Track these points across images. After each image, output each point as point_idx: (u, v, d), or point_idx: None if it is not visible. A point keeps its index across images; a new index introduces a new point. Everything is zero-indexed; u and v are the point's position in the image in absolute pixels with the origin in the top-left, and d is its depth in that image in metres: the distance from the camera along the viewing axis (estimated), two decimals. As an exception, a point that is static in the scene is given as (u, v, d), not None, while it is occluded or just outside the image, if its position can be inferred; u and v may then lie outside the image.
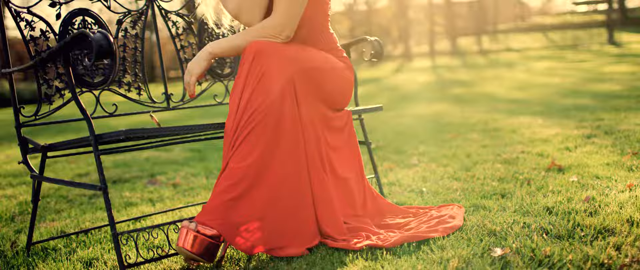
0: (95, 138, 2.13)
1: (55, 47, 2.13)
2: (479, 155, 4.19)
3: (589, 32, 34.62)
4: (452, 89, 11.94)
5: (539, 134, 4.99)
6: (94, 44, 1.98)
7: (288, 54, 2.31)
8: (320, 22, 2.52)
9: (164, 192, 3.74)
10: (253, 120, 2.21)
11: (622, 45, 27.68)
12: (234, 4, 2.40)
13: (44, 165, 2.43)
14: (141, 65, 2.86)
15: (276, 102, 2.23)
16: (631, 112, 5.79)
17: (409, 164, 4.11)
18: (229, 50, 2.39)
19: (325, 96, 2.45)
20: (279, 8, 2.34)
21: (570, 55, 23.61)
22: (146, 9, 2.93)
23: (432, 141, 5.05)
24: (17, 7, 2.52)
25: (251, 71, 2.26)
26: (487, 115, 6.73)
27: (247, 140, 2.21)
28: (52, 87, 2.57)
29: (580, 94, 8.47)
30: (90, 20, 2.71)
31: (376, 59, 2.99)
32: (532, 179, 3.31)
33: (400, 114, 7.47)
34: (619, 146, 4.10)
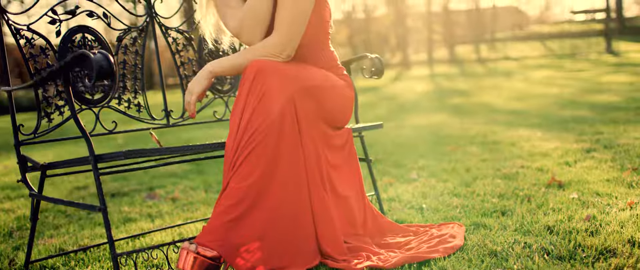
0: (94, 158, 2.12)
1: (55, 67, 2.12)
2: (479, 170, 4.18)
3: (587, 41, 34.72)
4: (450, 98, 11.95)
5: (538, 147, 4.99)
6: (94, 65, 1.97)
7: (289, 73, 2.30)
8: (321, 41, 2.52)
9: (163, 207, 3.72)
10: (254, 140, 2.20)
11: (620, 54, 27.76)
12: (235, 22, 2.39)
13: (43, 183, 2.42)
14: (141, 82, 2.85)
15: (277, 121, 2.22)
16: (630, 125, 5.79)
17: (409, 178, 4.10)
18: (229, 70, 2.38)
19: (325, 114, 2.44)
20: (280, 27, 2.33)
21: (568, 64, 23.68)
22: (146, 25, 2.92)
23: (431, 154, 5.04)
24: (16, 24, 2.51)
25: (252, 90, 2.25)
26: (486, 127, 6.73)
27: (248, 161, 2.20)
28: (51, 104, 2.56)
29: (579, 105, 8.48)
30: (90, 37, 2.70)
31: (376, 76, 2.99)
32: (533, 196, 3.30)
33: (399, 125, 7.46)
34: (618, 161, 4.10)
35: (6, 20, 2.49)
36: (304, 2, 2.33)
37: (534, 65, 25.08)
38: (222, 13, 2.48)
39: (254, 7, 2.32)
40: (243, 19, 2.35)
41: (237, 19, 2.38)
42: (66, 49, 2.62)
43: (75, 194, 4.34)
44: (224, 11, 2.47)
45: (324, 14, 2.48)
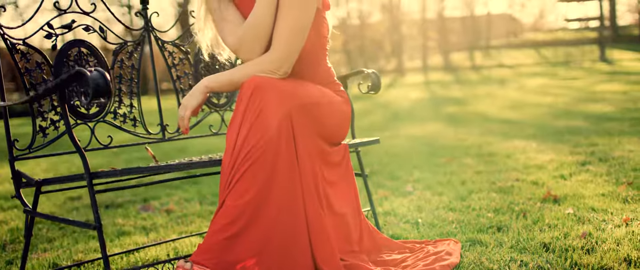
0: (90, 176, 2.11)
1: (51, 85, 2.11)
2: (474, 183, 4.18)
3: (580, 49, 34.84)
4: (445, 107, 11.96)
5: (533, 159, 4.99)
6: (90, 83, 1.96)
7: (286, 90, 2.29)
8: (319, 57, 2.51)
9: (158, 220, 3.71)
10: (250, 157, 2.19)
11: (613, 63, 27.87)
12: (234, 39, 2.38)
13: (38, 200, 2.40)
14: (137, 97, 2.84)
15: (273, 139, 2.21)
16: (624, 137, 5.80)
17: (404, 191, 4.09)
18: (226, 85, 2.37)
19: (322, 131, 2.43)
20: (277, 44, 2.33)
21: (562, 73, 23.75)
22: (143, 39, 2.91)
23: (426, 166, 5.04)
24: (12, 39, 2.50)
25: (249, 107, 2.24)
26: (481, 138, 6.74)
27: (244, 178, 2.19)
28: (46, 119, 2.55)
29: (573, 115, 8.50)
30: (86, 51, 2.69)
31: (373, 91, 2.99)
32: (528, 211, 3.30)
33: (394, 134, 7.46)
34: (613, 175, 4.10)
35: (2, 34, 2.47)
36: (303, 18, 2.32)
37: (528, 73, 25.15)
38: (220, 28, 2.47)
39: (255, 25, 2.31)
40: (243, 36, 2.34)
41: (237, 36, 2.37)
42: (62, 63, 2.61)
43: (68, 205, 4.32)
44: (222, 26, 2.46)
45: (322, 30, 2.47)
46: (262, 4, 2.31)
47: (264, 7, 2.30)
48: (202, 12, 2.55)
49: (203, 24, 2.58)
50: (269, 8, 2.31)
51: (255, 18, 2.32)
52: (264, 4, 2.31)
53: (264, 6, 2.30)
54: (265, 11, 2.31)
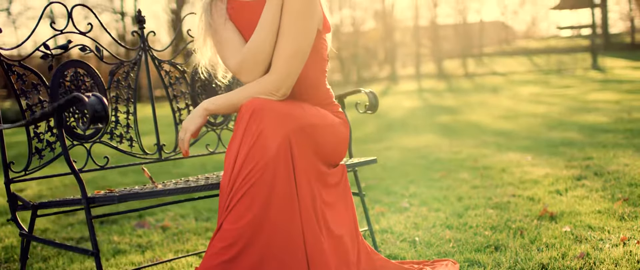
0: (87, 201, 2.09)
1: (48, 109, 2.09)
2: (470, 199, 4.18)
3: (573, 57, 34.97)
4: (438, 116, 11.97)
5: (529, 173, 4.99)
6: (88, 109, 1.94)
7: (284, 112, 2.28)
8: (318, 78, 2.50)
9: (153, 237, 3.69)
10: (249, 181, 2.18)
11: (605, 71, 27.99)
12: (235, 62, 2.36)
13: (34, 223, 2.38)
14: (134, 116, 2.83)
15: (272, 162, 2.20)
16: (619, 150, 5.82)
17: (400, 207, 4.09)
18: (225, 108, 2.37)
19: (321, 153, 2.42)
20: (277, 65, 2.32)
21: (554, 80, 23.83)
22: (139, 59, 2.90)
23: (422, 180, 5.04)
24: (8, 60, 2.48)
25: (248, 130, 2.24)
26: (476, 150, 6.74)
27: (242, 201, 2.18)
28: (43, 141, 2.54)
29: (567, 126, 8.52)
30: (83, 71, 2.68)
31: (371, 111, 2.98)
32: (525, 229, 3.30)
33: (388, 146, 7.46)
34: (609, 190, 4.11)
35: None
36: (303, 41, 2.32)
37: (520, 81, 25.23)
38: (220, 49, 2.45)
39: (256, 48, 2.30)
40: (243, 59, 2.33)
41: (237, 59, 2.36)
42: (58, 84, 2.60)
43: (63, 220, 4.29)
44: (222, 48, 2.44)
45: (322, 52, 2.47)
46: (263, 27, 2.30)
47: (266, 31, 2.30)
48: (202, 32, 2.54)
49: (202, 43, 2.57)
50: (271, 32, 2.30)
51: (257, 42, 2.31)
52: (265, 28, 2.30)
53: (266, 30, 2.30)
54: (266, 35, 2.30)
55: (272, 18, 2.30)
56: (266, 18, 2.31)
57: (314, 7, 2.32)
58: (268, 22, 2.30)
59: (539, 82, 23.43)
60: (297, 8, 2.29)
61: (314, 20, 2.33)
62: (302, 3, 2.29)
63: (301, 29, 2.30)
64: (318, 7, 2.35)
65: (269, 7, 2.30)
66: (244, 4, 2.46)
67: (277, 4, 2.30)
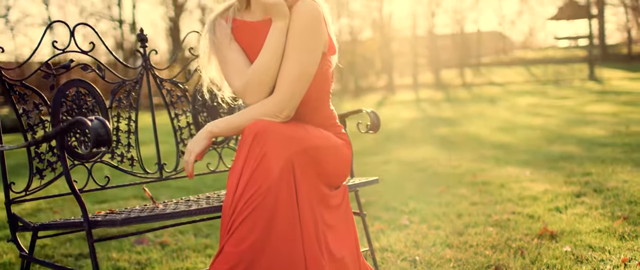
0: (89, 225, 2.08)
1: (50, 133, 2.09)
2: (470, 216, 4.17)
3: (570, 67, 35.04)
4: (436, 128, 11.97)
5: (528, 189, 4.99)
6: (91, 132, 1.94)
7: (287, 134, 2.28)
8: (322, 100, 2.50)
9: (152, 254, 3.67)
10: (251, 204, 2.18)
11: (602, 82, 28.06)
12: (240, 83, 2.36)
13: (35, 244, 2.37)
14: (135, 135, 2.82)
15: (274, 185, 2.20)
16: (618, 165, 5.82)
17: (400, 224, 4.08)
18: (228, 130, 2.36)
19: (323, 175, 2.42)
20: (281, 87, 2.32)
21: (552, 91, 23.87)
22: (141, 77, 2.90)
23: (421, 196, 5.03)
24: (9, 80, 2.48)
25: (251, 153, 2.23)
26: (474, 164, 6.74)
27: (244, 224, 2.17)
28: (43, 161, 2.53)
29: (566, 140, 8.52)
30: (84, 90, 2.67)
31: (372, 131, 2.98)
32: (526, 249, 3.29)
33: (386, 159, 7.46)
34: (609, 208, 4.11)
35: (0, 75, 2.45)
36: (308, 64, 2.31)
37: (518, 92, 25.27)
38: (224, 69, 2.45)
39: (261, 71, 2.30)
40: (248, 81, 2.33)
41: (242, 80, 2.35)
42: (59, 103, 2.59)
43: (62, 236, 4.28)
44: (226, 68, 2.43)
45: (327, 73, 2.46)
46: (268, 50, 2.30)
47: (271, 54, 2.29)
48: (206, 50, 2.54)
49: (206, 62, 2.56)
50: (276, 55, 2.30)
51: (262, 64, 2.30)
52: (270, 50, 2.30)
53: (271, 53, 2.29)
54: (271, 58, 2.30)
55: (277, 41, 2.30)
56: (271, 41, 2.30)
57: (320, 30, 2.32)
58: (273, 45, 2.30)
59: (536, 93, 23.47)
60: (302, 30, 2.29)
61: (319, 43, 2.33)
62: (308, 26, 2.29)
63: (306, 52, 2.30)
64: (324, 29, 2.35)
65: (275, 29, 2.30)
66: (248, 24, 2.46)
67: (283, 27, 2.30)
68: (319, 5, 2.36)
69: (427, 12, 39.27)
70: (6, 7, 30.15)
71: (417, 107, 19.82)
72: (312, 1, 2.33)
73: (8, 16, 30.19)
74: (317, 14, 2.30)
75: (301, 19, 2.29)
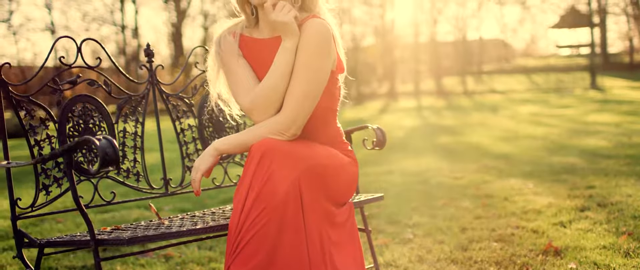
0: (95, 243, 2.08)
1: (58, 151, 2.09)
2: (474, 230, 4.17)
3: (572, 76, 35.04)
4: (439, 137, 11.97)
5: (531, 203, 4.99)
6: (99, 152, 1.94)
7: (294, 153, 2.28)
8: (329, 118, 2.50)
9: (156, 267, 3.66)
10: (258, 223, 2.18)
11: (604, 90, 28.05)
12: (247, 100, 2.36)
13: (40, 262, 2.37)
14: (141, 151, 2.82)
15: (281, 205, 2.19)
16: (621, 178, 5.81)
17: (404, 238, 4.07)
18: (235, 148, 2.36)
19: (330, 193, 2.41)
20: (288, 105, 2.32)
21: (553, 100, 23.87)
22: (147, 93, 2.90)
23: (424, 208, 5.02)
24: (17, 95, 2.48)
25: (258, 172, 2.23)
26: (477, 175, 6.73)
27: (250, 244, 2.17)
28: (50, 176, 2.53)
29: (568, 150, 8.52)
30: (91, 106, 2.67)
31: (378, 147, 2.98)
32: (530, 265, 3.29)
33: (389, 169, 7.45)
34: (613, 223, 4.10)
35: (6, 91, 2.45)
36: (316, 83, 2.31)
37: (519, 100, 25.27)
38: (232, 84, 2.44)
39: (269, 89, 2.30)
40: (256, 99, 2.32)
41: (250, 98, 2.35)
42: (66, 119, 2.59)
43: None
44: (234, 84, 2.43)
45: (335, 91, 2.47)
46: (277, 69, 2.30)
47: (279, 73, 2.30)
48: (215, 66, 2.53)
49: (215, 76, 2.56)
50: (284, 74, 2.30)
51: (270, 83, 2.30)
52: (279, 69, 2.30)
53: (279, 72, 2.30)
54: (280, 76, 2.30)
55: (286, 60, 2.30)
56: (280, 60, 2.30)
57: (329, 49, 2.32)
58: (282, 64, 2.30)
59: (538, 101, 23.47)
60: (312, 49, 2.29)
61: (328, 62, 2.33)
62: (317, 45, 2.29)
63: (315, 71, 2.30)
64: (333, 48, 2.35)
65: (284, 48, 2.30)
66: (257, 41, 2.46)
67: (292, 46, 2.30)
68: (329, 23, 2.37)
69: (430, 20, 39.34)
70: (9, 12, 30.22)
71: (419, 115, 19.82)
72: (322, 20, 2.34)
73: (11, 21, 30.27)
74: (326, 32, 2.31)
75: (311, 38, 2.29)
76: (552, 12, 47.09)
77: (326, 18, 2.41)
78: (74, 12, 43.63)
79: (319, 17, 2.36)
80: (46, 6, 31.28)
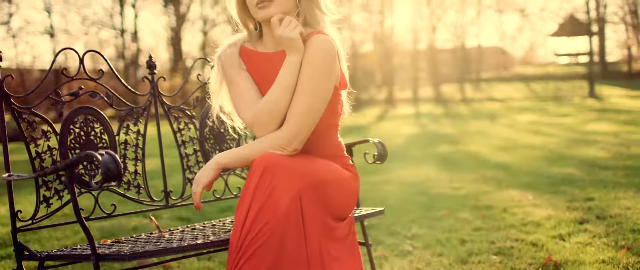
0: (96, 258, 2.08)
1: (60, 166, 2.09)
2: (473, 243, 4.17)
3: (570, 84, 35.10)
4: (437, 145, 11.98)
5: (530, 215, 4.99)
6: (102, 167, 1.94)
7: (296, 168, 2.28)
8: (330, 133, 2.50)
9: (156, 278, 3.67)
10: (258, 239, 2.18)
11: (602, 99, 28.10)
12: (250, 114, 2.36)
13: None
14: (142, 162, 2.82)
15: (282, 220, 2.19)
16: (620, 190, 5.82)
17: (403, 250, 4.07)
18: (237, 162, 2.36)
19: (330, 208, 2.41)
20: (291, 120, 2.32)
21: (552, 108, 23.91)
22: (149, 104, 2.90)
23: (423, 220, 5.02)
24: (18, 107, 2.48)
25: (259, 186, 2.23)
26: (476, 186, 6.74)
27: (251, 261, 2.17)
28: (51, 189, 2.52)
29: (567, 161, 8.53)
30: (92, 117, 2.67)
31: (379, 161, 2.98)
32: (530, 280, 3.29)
33: (388, 179, 7.46)
34: (612, 236, 4.10)
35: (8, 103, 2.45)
36: (319, 99, 2.32)
37: (518, 108, 25.32)
38: (234, 98, 2.44)
39: (272, 104, 2.30)
40: (258, 113, 2.33)
41: (252, 112, 2.35)
42: (68, 131, 2.59)
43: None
44: (237, 98, 2.43)
45: (337, 107, 2.47)
46: (281, 84, 2.30)
47: (283, 88, 2.30)
48: (218, 77, 2.54)
49: (217, 88, 2.56)
50: (288, 90, 2.30)
51: (273, 98, 2.30)
52: (283, 85, 2.30)
53: (283, 87, 2.30)
54: (283, 92, 2.30)
55: (290, 75, 2.30)
56: (284, 75, 2.31)
57: (333, 65, 2.33)
58: (286, 80, 2.30)
59: (536, 110, 23.51)
60: (316, 66, 2.29)
61: (332, 78, 2.34)
62: (322, 61, 2.29)
63: (318, 87, 2.31)
64: (337, 64, 2.36)
65: (289, 64, 2.31)
66: (260, 55, 2.46)
67: (297, 62, 2.30)
68: (333, 39, 2.37)
69: (429, 27, 39.40)
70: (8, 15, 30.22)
71: (418, 123, 19.84)
72: (327, 36, 2.35)
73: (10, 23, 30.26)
74: (331, 49, 2.31)
75: (316, 54, 2.29)
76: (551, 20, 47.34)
77: (330, 34, 2.42)
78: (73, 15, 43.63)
79: (324, 33, 2.37)
80: (46, 9, 31.30)
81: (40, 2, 37.22)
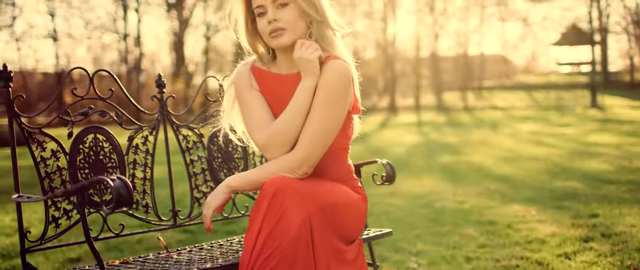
0: (106, 282, 2.08)
1: (71, 189, 2.09)
2: (479, 260, 4.16)
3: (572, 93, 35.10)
4: (440, 155, 11.98)
5: (535, 231, 4.98)
6: (113, 193, 1.94)
7: (306, 192, 2.28)
8: (340, 156, 2.50)
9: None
10: (269, 263, 2.18)
11: (605, 109, 28.11)
12: (262, 137, 2.36)
13: (49, 296, 2.36)
14: (150, 182, 2.82)
15: (292, 244, 2.19)
16: (625, 207, 5.81)
17: (409, 268, 4.07)
18: (247, 185, 2.37)
19: (340, 231, 2.41)
20: (302, 144, 2.32)
21: (554, 118, 23.91)
22: (157, 123, 2.90)
23: (428, 236, 5.02)
24: (29, 127, 2.48)
25: (270, 209, 2.23)
26: (480, 200, 6.73)
27: (262, 284, 2.17)
28: (60, 209, 2.52)
29: (570, 174, 8.53)
30: (102, 137, 2.67)
31: (388, 182, 2.98)
32: (536, 301, 3.28)
33: (392, 191, 7.45)
34: (617, 256, 4.10)
35: (18, 123, 2.46)
36: (332, 123, 2.32)
37: (520, 117, 25.33)
38: (247, 119, 2.45)
39: (285, 127, 2.31)
40: (271, 137, 2.33)
41: (265, 135, 2.35)
42: (77, 151, 2.59)
43: (68, 267, 4.26)
44: (249, 119, 2.43)
45: (348, 131, 2.48)
46: (294, 108, 2.31)
47: (296, 111, 2.30)
48: (230, 98, 2.54)
49: (230, 107, 2.57)
50: (302, 114, 2.31)
51: (286, 122, 2.31)
52: (296, 107, 2.30)
53: (296, 111, 2.30)
54: (296, 115, 2.30)
55: (304, 99, 2.31)
56: (299, 98, 2.31)
57: (348, 91, 2.34)
58: (300, 103, 2.31)
59: (538, 119, 23.52)
60: (331, 90, 2.30)
61: (345, 103, 2.35)
62: (337, 86, 2.30)
63: (332, 111, 2.31)
64: (351, 89, 2.37)
65: (303, 88, 2.31)
66: (274, 76, 2.47)
67: (312, 86, 2.31)
68: (349, 64, 2.38)
69: (431, 34, 39.43)
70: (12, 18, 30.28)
71: (420, 131, 19.84)
72: (343, 61, 2.35)
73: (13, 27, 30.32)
74: (346, 74, 2.32)
75: (331, 79, 2.30)
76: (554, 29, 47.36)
77: (345, 59, 2.43)
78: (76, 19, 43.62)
79: (340, 58, 2.37)
80: (49, 13, 31.34)
81: (44, 6, 37.25)
